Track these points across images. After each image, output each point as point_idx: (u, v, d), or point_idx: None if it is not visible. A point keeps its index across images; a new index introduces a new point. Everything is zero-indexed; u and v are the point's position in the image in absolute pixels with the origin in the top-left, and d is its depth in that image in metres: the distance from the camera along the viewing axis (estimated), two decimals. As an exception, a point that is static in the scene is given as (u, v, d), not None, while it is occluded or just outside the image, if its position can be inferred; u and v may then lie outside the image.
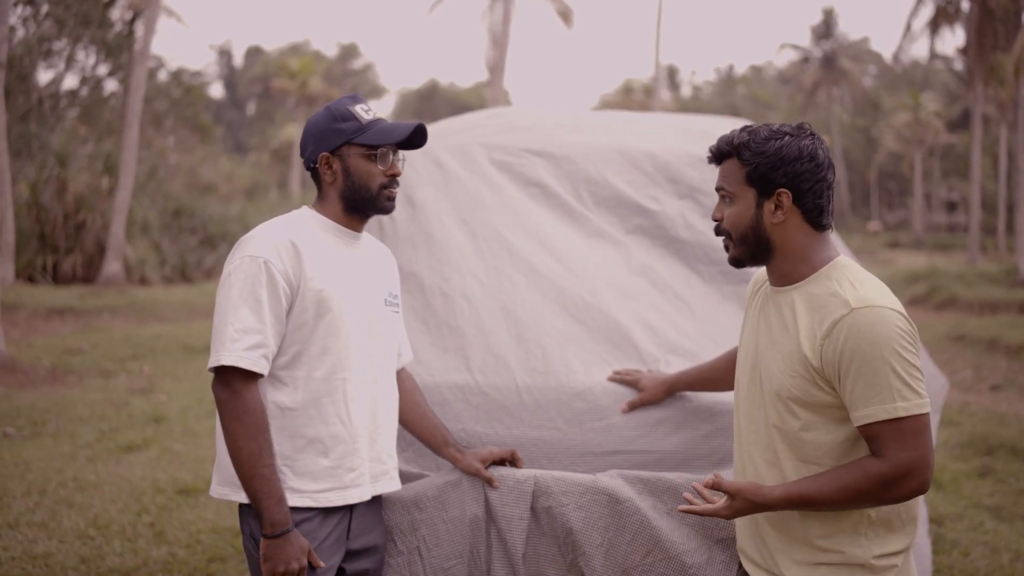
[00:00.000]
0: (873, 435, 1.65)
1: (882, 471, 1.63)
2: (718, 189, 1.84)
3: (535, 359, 2.52)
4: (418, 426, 2.32)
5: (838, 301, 1.68)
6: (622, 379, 2.45)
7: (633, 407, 2.40)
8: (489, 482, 2.27)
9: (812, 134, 1.77)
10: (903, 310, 1.69)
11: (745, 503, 1.72)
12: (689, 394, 2.41)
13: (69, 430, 6.41)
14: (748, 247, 1.80)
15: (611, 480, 2.24)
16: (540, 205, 2.93)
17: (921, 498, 1.78)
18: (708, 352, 2.51)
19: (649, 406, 2.40)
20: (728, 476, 2.25)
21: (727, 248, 1.85)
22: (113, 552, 4.12)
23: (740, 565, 1.95)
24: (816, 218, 1.77)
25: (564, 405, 2.42)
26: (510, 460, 2.33)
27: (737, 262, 1.85)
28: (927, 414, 1.64)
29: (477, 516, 2.28)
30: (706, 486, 1.74)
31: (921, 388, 1.64)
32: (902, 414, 1.62)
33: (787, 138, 1.75)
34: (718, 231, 1.86)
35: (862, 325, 1.64)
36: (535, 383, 2.46)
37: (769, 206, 1.76)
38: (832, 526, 1.73)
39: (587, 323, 2.62)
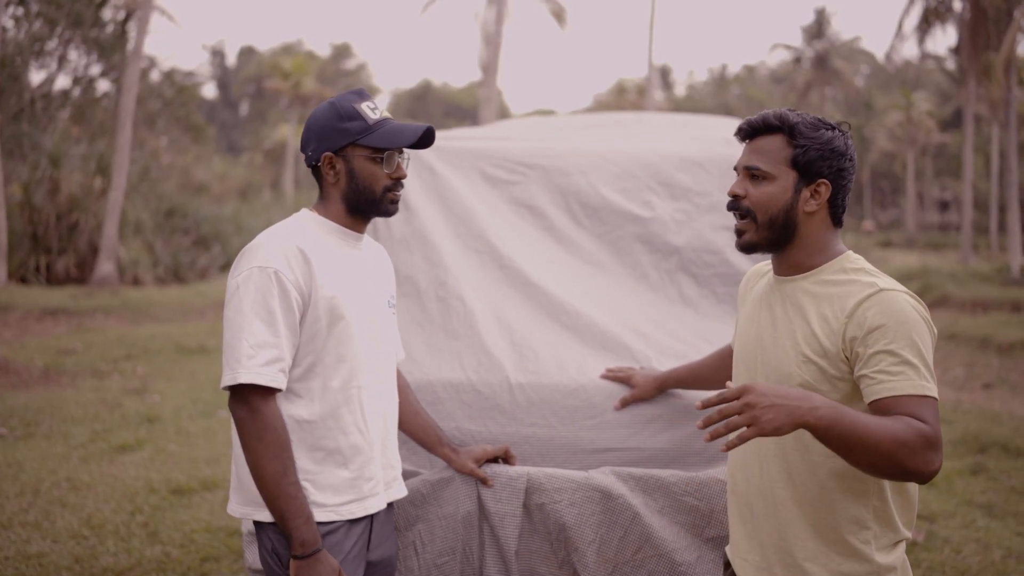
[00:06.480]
0: (900, 405, 1.56)
1: (924, 430, 1.52)
2: (748, 167, 1.75)
3: (528, 361, 2.53)
4: (411, 425, 2.29)
5: (861, 284, 1.67)
6: (615, 376, 2.45)
7: (626, 404, 2.41)
8: (483, 481, 2.27)
9: (846, 134, 1.75)
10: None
11: (789, 412, 1.47)
12: (681, 392, 2.42)
13: (62, 430, 6.40)
14: (773, 232, 1.74)
15: (603, 477, 2.26)
16: (530, 224, 2.94)
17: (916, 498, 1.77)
18: (702, 352, 2.51)
19: (641, 404, 2.41)
20: (720, 474, 2.25)
21: (741, 232, 1.77)
22: (107, 552, 4.12)
23: (727, 566, 1.93)
24: (839, 215, 1.76)
25: (557, 403, 2.43)
26: (503, 458, 2.33)
27: (751, 247, 1.77)
28: None
29: (470, 513, 2.29)
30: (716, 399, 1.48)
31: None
32: (930, 394, 1.58)
33: (834, 132, 1.73)
34: (736, 207, 1.77)
35: (891, 303, 1.62)
36: (528, 381, 2.47)
37: (806, 193, 1.72)
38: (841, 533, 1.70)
39: (578, 330, 2.63)
